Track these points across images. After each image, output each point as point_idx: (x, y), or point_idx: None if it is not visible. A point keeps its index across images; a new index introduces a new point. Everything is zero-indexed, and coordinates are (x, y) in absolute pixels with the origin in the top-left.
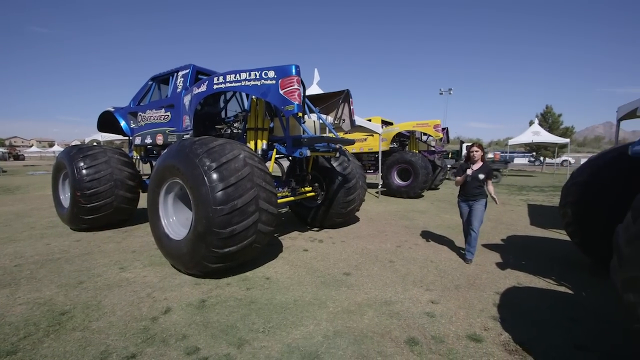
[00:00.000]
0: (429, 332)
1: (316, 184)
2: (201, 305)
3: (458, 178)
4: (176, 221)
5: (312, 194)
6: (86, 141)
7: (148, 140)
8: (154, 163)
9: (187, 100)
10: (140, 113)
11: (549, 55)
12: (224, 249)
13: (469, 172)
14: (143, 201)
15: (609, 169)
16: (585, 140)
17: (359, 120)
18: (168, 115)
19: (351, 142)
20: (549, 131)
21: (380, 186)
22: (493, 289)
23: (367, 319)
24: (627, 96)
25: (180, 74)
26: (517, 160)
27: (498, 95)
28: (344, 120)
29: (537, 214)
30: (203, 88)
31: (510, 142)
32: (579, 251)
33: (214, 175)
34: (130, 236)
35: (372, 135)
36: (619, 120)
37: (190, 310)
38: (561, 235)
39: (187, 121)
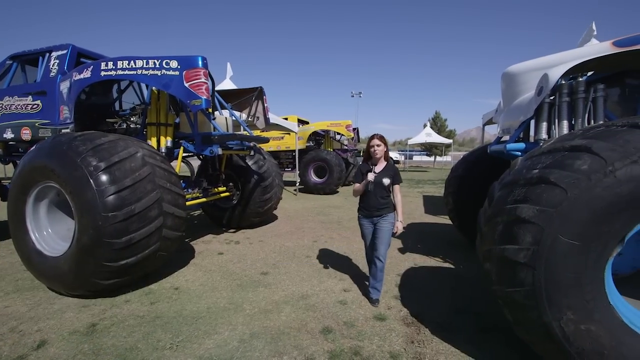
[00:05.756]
0: (342, 318)
1: (231, 184)
2: (91, 330)
3: (357, 185)
4: (52, 234)
5: (227, 194)
6: None
7: (9, 135)
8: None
9: (64, 87)
10: None
11: (439, 66)
12: (119, 261)
13: (370, 176)
14: (3, 212)
15: (476, 164)
16: (464, 141)
17: (275, 119)
18: (37, 105)
19: (265, 140)
20: (438, 133)
21: (298, 184)
22: (395, 272)
23: (284, 315)
24: (491, 106)
25: (55, 54)
26: (415, 158)
27: (400, 100)
28: (257, 117)
29: (430, 204)
30: (87, 74)
31: (410, 142)
32: (459, 233)
33: (103, 177)
34: None
35: (289, 134)
36: (484, 125)
37: (76, 339)
38: (447, 220)
39: (65, 112)
